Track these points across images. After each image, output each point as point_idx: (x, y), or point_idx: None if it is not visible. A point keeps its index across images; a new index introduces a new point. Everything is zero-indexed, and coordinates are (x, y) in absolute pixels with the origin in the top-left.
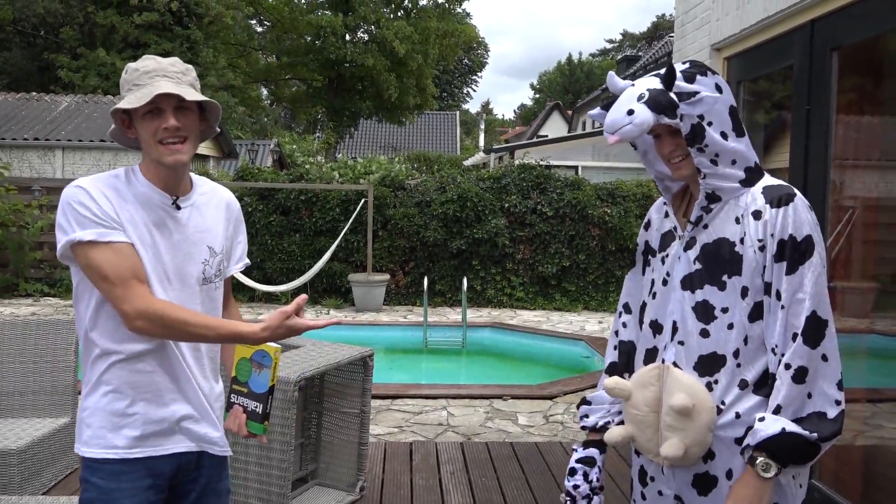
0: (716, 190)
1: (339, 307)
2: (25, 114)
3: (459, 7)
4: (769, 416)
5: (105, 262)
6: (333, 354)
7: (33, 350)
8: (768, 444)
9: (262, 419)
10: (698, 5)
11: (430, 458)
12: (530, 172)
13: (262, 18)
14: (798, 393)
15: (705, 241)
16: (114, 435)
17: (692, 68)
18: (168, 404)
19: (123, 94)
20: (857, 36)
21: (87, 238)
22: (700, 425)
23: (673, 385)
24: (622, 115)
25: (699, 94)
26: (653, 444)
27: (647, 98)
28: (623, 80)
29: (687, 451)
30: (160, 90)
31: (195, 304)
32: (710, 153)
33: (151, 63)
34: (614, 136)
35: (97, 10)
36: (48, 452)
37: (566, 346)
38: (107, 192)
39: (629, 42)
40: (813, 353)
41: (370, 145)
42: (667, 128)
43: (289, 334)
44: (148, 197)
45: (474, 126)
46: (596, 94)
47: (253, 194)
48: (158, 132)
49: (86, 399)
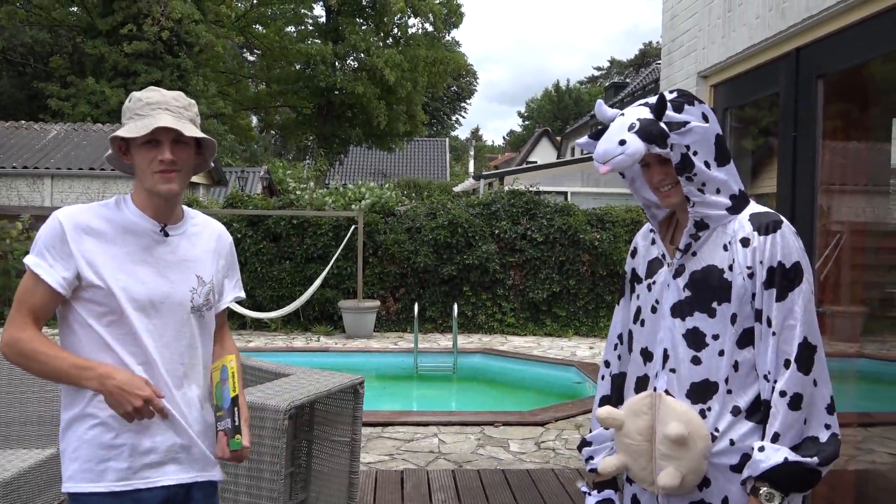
0: (704, 217)
1: (329, 334)
2: (14, 142)
3: (449, 35)
4: (769, 446)
5: (22, 286)
6: (324, 382)
7: (20, 380)
8: (771, 475)
9: (233, 433)
10: (685, 34)
11: (422, 486)
12: (520, 198)
13: (252, 47)
14: (795, 420)
15: (694, 269)
16: (102, 468)
17: (680, 97)
18: (155, 435)
19: (124, 121)
20: (842, 64)
21: (27, 261)
22: (695, 453)
23: (667, 413)
24: (614, 145)
25: (689, 125)
26: (647, 473)
27: (639, 128)
28: (612, 109)
29: (683, 479)
30: (160, 123)
31: (187, 330)
32: (698, 182)
33: (156, 95)
34: (606, 165)
35: (86, 39)
36: (34, 484)
37: (557, 372)
38: (80, 225)
39: (616, 69)
40: (807, 380)
41: (360, 172)
42: (656, 156)
43: (119, 396)
44: (136, 224)
45: (464, 152)
46: (584, 121)
47: (243, 221)
48: (154, 163)
49: (69, 432)
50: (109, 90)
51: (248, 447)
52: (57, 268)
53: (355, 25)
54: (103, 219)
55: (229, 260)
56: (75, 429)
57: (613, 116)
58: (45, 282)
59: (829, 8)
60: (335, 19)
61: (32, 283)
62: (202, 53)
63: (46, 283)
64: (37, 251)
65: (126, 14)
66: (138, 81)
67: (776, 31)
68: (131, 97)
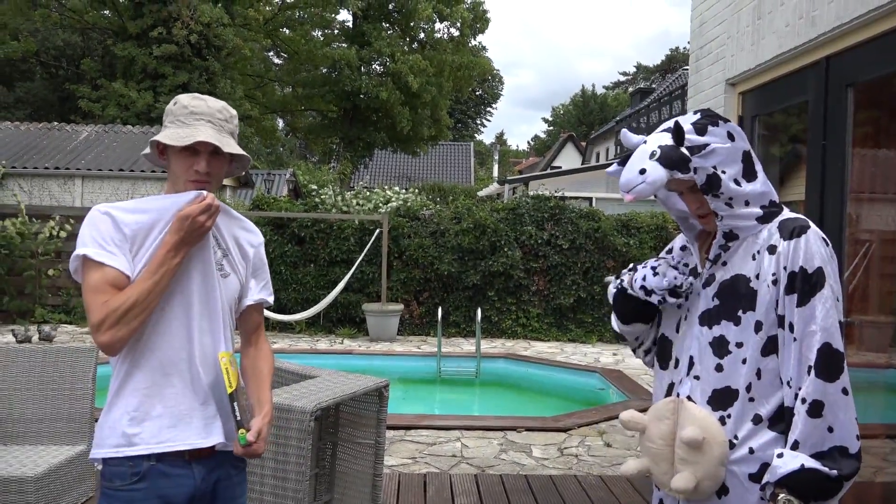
0: (734, 229)
1: (353, 337)
2: (46, 143)
3: (474, 40)
4: (787, 452)
5: (91, 282)
6: (349, 385)
7: (51, 377)
8: (788, 481)
9: (237, 427)
10: (713, 41)
11: (445, 490)
12: (545, 203)
13: (279, 51)
14: (814, 427)
15: (723, 278)
16: (137, 429)
17: (703, 119)
18: (180, 404)
19: (167, 123)
20: (872, 73)
21: (90, 254)
22: (712, 459)
23: (686, 418)
24: (635, 175)
25: (710, 146)
26: (668, 478)
27: (660, 155)
28: (636, 136)
29: (699, 484)
30: (200, 137)
31: (217, 293)
32: (725, 197)
33: (202, 105)
34: (629, 195)
35: (116, 42)
36: (65, 480)
37: (580, 378)
38: (125, 215)
39: (643, 74)
40: (829, 387)
41: (385, 176)
42: (687, 185)
43: (191, 226)
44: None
45: (488, 157)
46: (609, 126)
47: (268, 224)
48: (190, 171)
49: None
50: (136, 94)
51: (254, 441)
52: (121, 257)
53: (381, 30)
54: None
55: (258, 254)
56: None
57: (638, 143)
58: (115, 267)
59: (860, 17)
60: (361, 24)
61: (93, 269)
62: (230, 56)
63: (115, 269)
64: (97, 244)
65: (156, 17)
66: (166, 84)
67: (806, 39)
68: (177, 100)
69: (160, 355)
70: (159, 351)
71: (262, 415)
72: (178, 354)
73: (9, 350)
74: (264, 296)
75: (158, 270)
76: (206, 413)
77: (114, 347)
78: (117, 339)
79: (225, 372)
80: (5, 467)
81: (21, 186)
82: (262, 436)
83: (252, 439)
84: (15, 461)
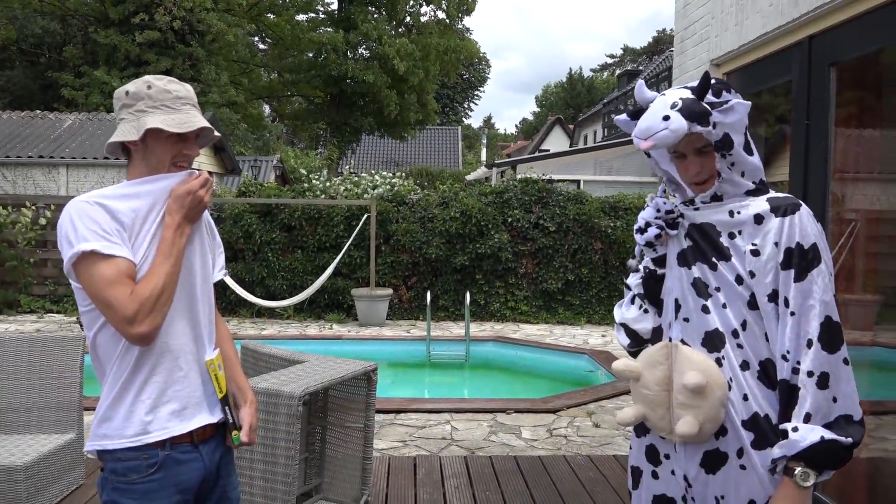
0: (724, 193)
1: (342, 322)
2: (30, 132)
3: (461, 23)
4: (802, 426)
5: (98, 275)
6: (337, 369)
7: (39, 366)
8: (807, 454)
9: (229, 429)
10: (697, 21)
11: (434, 472)
12: (532, 186)
13: (264, 36)
14: (824, 399)
15: (693, 221)
16: (151, 416)
17: (719, 84)
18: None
19: (147, 108)
20: (854, 52)
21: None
22: (713, 401)
23: (683, 363)
24: (657, 121)
25: (731, 103)
26: (665, 423)
27: (682, 106)
28: (651, 91)
29: (701, 427)
30: (200, 123)
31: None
32: (729, 161)
33: (182, 89)
34: (648, 141)
35: (98, 29)
36: (54, 469)
37: (569, 360)
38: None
39: (630, 56)
40: (832, 358)
41: (372, 161)
42: (694, 147)
43: (192, 202)
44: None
45: (476, 141)
46: (597, 109)
47: (256, 211)
48: (179, 156)
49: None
50: (119, 81)
51: (247, 442)
52: (124, 246)
53: (367, 14)
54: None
55: (211, 231)
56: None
57: (653, 98)
58: (125, 257)
59: None
60: (347, 8)
61: (104, 262)
62: (214, 42)
63: (126, 258)
64: (100, 237)
65: (138, 3)
66: (149, 71)
67: (789, 18)
68: (151, 84)
69: (169, 341)
70: (167, 337)
71: (247, 405)
72: (185, 338)
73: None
74: (222, 274)
75: (172, 252)
76: (206, 391)
77: (150, 337)
78: (155, 328)
79: (214, 378)
80: None
81: (4, 176)
82: (252, 427)
83: (245, 439)
84: (3, 450)
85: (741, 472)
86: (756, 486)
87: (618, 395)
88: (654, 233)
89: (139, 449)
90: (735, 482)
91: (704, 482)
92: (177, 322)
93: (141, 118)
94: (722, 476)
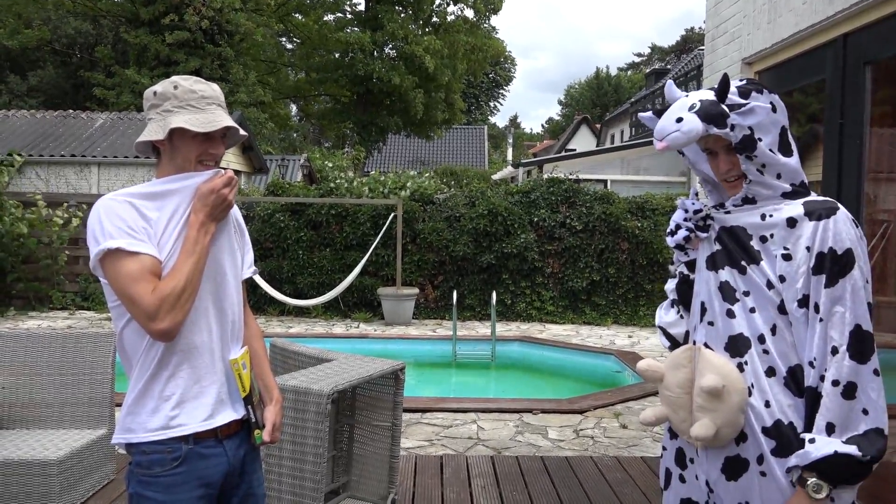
0: (756, 196)
1: (368, 321)
2: (62, 131)
3: (488, 22)
4: (819, 437)
5: (124, 272)
6: (365, 368)
7: (72, 363)
8: (819, 465)
9: (252, 428)
10: (729, 20)
11: (461, 471)
12: (559, 186)
13: (291, 36)
14: (849, 409)
15: (724, 224)
16: (177, 411)
17: (749, 85)
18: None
19: (172, 107)
20: (890, 50)
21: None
22: (731, 406)
23: (704, 366)
24: (671, 123)
25: (749, 105)
26: (686, 426)
27: (699, 108)
28: (679, 91)
29: (718, 431)
30: (225, 123)
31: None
32: (758, 163)
33: (207, 89)
34: (662, 142)
35: (128, 29)
36: (86, 463)
37: (596, 361)
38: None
39: (658, 55)
40: (862, 369)
41: (398, 160)
42: (723, 145)
43: (216, 200)
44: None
45: (502, 140)
46: (624, 108)
47: (284, 210)
48: (204, 155)
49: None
50: (149, 81)
51: (269, 441)
52: (150, 244)
53: (394, 13)
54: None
55: (241, 230)
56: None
57: (679, 97)
58: (150, 254)
59: None
60: (374, 7)
61: (129, 259)
62: (242, 42)
63: (151, 256)
64: (126, 234)
65: (168, 4)
66: (178, 71)
67: (823, 16)
68: (178, 84)
69: (194, 337)
70: (192, 334)
71: (272, 403)
72: (211, 335)
73: (30, 336)
74: (251, 272)
75: (195, 249)
76: (231, 388)
77: (171, 333)
78: (176, 324)
79: (238, 377)
80: (29, 451)
81: (38, 174)
82: (276, 426)
83: (267, 438)
84: (38, 445)
85: (762, 479)
86: (776, 494)
87: (645, 397)
88: (683, 235)
89: (163, 443)
90: (756, 490)
91: (725, 488)
92: (203, 319)
93: (167, 118)
94: (744, 483)
